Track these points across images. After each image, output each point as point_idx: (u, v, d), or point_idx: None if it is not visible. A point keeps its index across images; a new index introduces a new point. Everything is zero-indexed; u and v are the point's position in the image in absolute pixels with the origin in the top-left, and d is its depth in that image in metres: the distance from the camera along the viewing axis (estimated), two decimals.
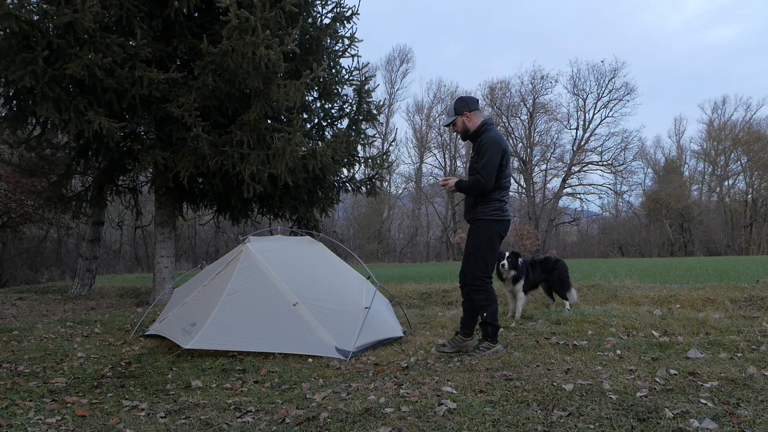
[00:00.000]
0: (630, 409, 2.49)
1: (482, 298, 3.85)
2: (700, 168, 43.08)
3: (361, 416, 2.63)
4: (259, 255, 4.92)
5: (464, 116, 3.90)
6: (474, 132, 3.89)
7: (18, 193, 15.34)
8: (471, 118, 3.90)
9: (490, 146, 3.71)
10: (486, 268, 3.85)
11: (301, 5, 7.67)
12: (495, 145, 3.72)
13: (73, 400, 3.22)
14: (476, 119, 3.92)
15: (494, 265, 3.93)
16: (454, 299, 7.91)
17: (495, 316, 3.88)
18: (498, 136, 3.80)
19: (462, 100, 3.95)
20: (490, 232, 3.81)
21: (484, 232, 3.82)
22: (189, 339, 4.29)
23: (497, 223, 3.82)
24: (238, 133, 7.20)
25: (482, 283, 3.84)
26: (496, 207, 3.80)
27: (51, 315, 7.68)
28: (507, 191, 3.89)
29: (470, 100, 3.96)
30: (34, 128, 8.20)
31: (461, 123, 3.92)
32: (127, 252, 29.46)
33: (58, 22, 5.98)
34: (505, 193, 3.86)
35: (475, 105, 3.94)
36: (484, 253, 3.83)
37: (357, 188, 9.68)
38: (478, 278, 3.84)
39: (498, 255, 4.98)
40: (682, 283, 7.63)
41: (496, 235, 3.83)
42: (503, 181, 3.82)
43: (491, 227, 3.80)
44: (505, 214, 3.86)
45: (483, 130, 3.86)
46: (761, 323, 4.47)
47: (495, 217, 3.80)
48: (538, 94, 41.86)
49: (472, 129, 3.89)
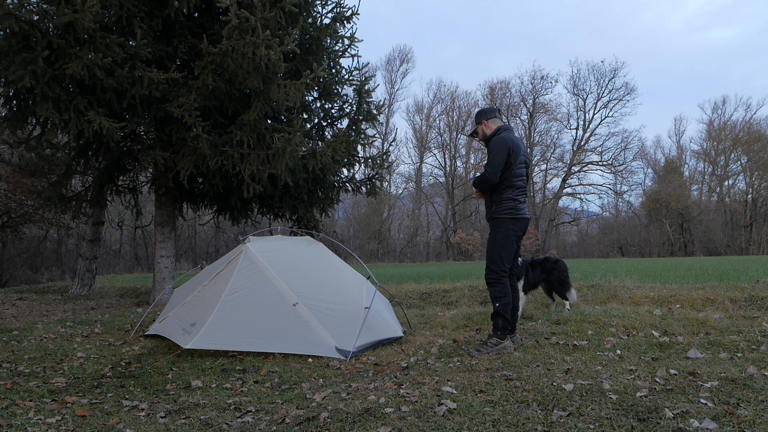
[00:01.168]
0: (630, 409, 2.49)
1: (496, 290, 4.05)
2: (700, 168, 43.13)
3: (361, 416, 2.63)
4: (259, 255, 4.92)
5: (483, 124, 4.30)
6: (490, 136, 4.24)
7: (18, 193, 15.35)
8: (488, 125, 4.29)
9: (496, 145, 4.05)
10: (502, 263, 4.05)
11: (301, 5, 7.67)
12: (500, 145, 4.03)
13: (73, 400, 3.22)
14: (493, 125, 4.29)
15: (510, 260, 4.11)
16: (454, 299, 7.91)
17: (507, 309, 4.03)
18: (507, 138, 4.09)
19: (481, 110, 4.36)
20: (506, 229, 4.05)
21: (500, 229, 4.07)
22: (189, 339, 4.29)
23: (512, 221, 4.06)
24: (238, 133, 7.20)
25: (497, 276, 4.04)
26: (510, 206, 4.05)
27: (51, 315, 7.68)
28: (521, 191, 4.12)
29: (488, 109, 4.36)
30: (34, 128, 8.20)
31: (481, 131, 4.31)
32: (127, 252, 29.46)
33: (58, 22, 5.98)
34: (519, 192, 4.09)
35: (492, 114, 4.33)
36: (499, 248, 4.06)
37: (357, 188, 9.68)
38: (494, 271, 4.06)
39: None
40: (682, 283, 7.63)
41: (511, 232, 4.06)
42: (515, 180, 4.06)
43: (507, 225, 4.05)
44: (519, 212, 4.07)
45: (495, 133, 4.21)
46: (761, 323, 4.47)
47: (509, 216, 4.05)
48: (538, 94, 41.90)
49: (489, 134, 4.26)
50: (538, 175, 43.28)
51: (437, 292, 8.34)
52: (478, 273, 11.93)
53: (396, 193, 42.16)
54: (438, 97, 43.41)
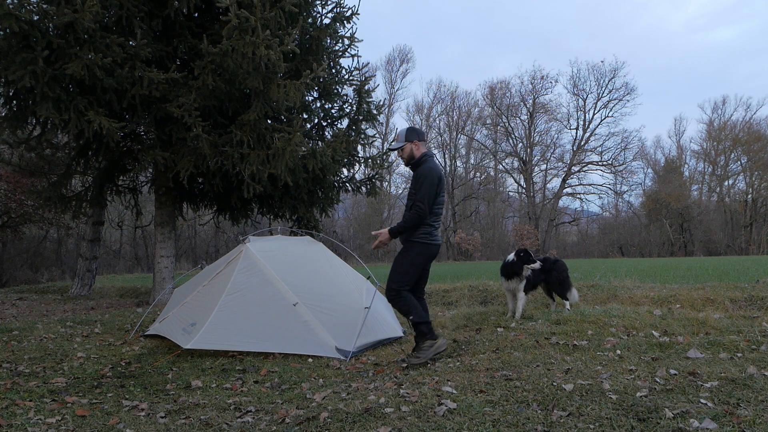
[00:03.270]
0: (630, 409, 2.48)
1: (402, 305, 3.99)
2: (700, 168, 43.07)
3: (361, 416, 2.63)
4: (259, 255, 4.93)
5: (414, 144, 4.16)
6: (417, 161, 4.13)
7: (18, 193, 15.34)
8: (419, 146, 4.17)
9: (427, 176, 3.97)
10: (403, 283, 4.01)
11: (301, 5, 7.67)
12: (431, 175, 3.98)
13: (73, 400, 3.22)
14: (423, 148, 4.19)
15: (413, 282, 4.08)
16: (454, 299, 7.91)
17: (421, 314, 3.98)
18: (434, 167, 4.06)
19: (413, 129, 4.23)
20: (418, 253, 4.03)
21: (411, 251, 4.03)
22: (189, 339, 4.29)
23: (426, 246, 4.03)
24: (238, 133, 7.20)
25: (397, 293, 4.00)
26: (426, 231, 4.02)
27: (51, 315, 7.68)
28: (437, 217, 4.10)
29: (420, 131, 4.25)
30: (34, 128, 8.20)
31: (409, 149, 4.16)
32: (127, 252, 29.45)
33: (58, 22, 5.98)
34: (435, 219, 4.08)
35: (422, 136, 4.23)
36: (406, 269, 4.03)
37: (357, 188, 9.68)
38: (393, 290, 4.00)
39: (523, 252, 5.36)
40: (682, 283, 7.63)
41: (423, 257, 4.05)
42: (435, 208, 4.04)
43: (420, 249, 4.02)
44: (433, 238, 4.06)
45: (423, 160, 4.11)
46: (761, 323, 4.47)
47: (424, 240, 4.02)
48: (538, 94, 41.80)
49: (416, 157, 4.15)
50: (538, 175, 43.29)
51: (437, 292, 8.34)
52: (478, 273, 11.93)
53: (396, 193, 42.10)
54: (438, 97, 43.36)
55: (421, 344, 3.95)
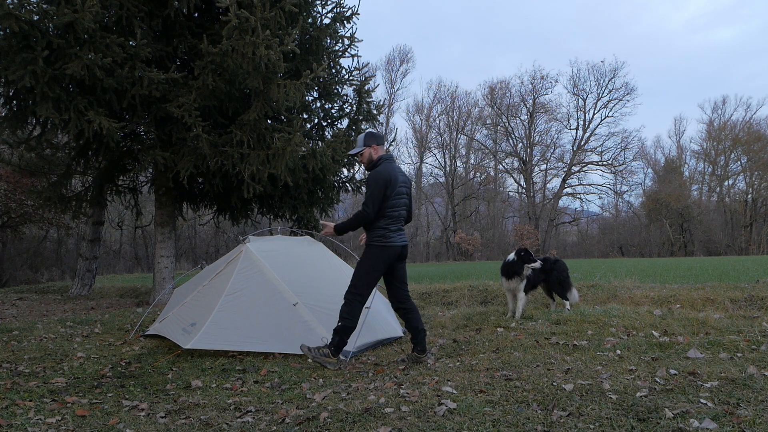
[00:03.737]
0: (630, 409, 2.48)
1: (347, 309, 3.98)
2: (700, 168, 43.06)
3: (361, 416, 2.63)
4: (259, 255, 4.93)
5: (372, 148, 4.18)
6: (373, 164, 4.16)
7: (18, 193, 15.34)
8: (377, 150, 4.19)
9: (373, 180, 4.00)
10: (363, 287, 4.04)
11: (301, 5, 7.67)
12: (378, 180, 3.98)
13: (73, 400, 3.22)
14: (381, 151, 4.21)
15: (372, 286, 4.11)
16: (454, 299, 7.91)
17: (348, 331, 3.98)
18: (384, 171, 4.03)
19: (371, 133, 4.25)
20: (375, 256, 4.03)
21: (369, 255, 4.06)
22: (189, 339, 4.30)
23: (381, 248, 4.03)
24: (238, 133, 7.20)
25: (353, 297, 4.00)
26: (380, 234, 4.02)
27: (51, 315, 7.68)
28: (394, 220, 4.06)
29: (378, 135, 4.28)
30: (34, 128, 8.20)
31: (368, 154, 4.18)
32: (127, 252, 29.45)
33: (58, 22, 5.98)
34: (391, 221, 4.04)
35: (381, 140, 4.25)
36: (365, 273, 4.05)
37: (357, 188, 9.68)
38: (352, 292, 4.01)
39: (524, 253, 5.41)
40: (682, 283, 7.63)
41: (380, 259, 4.05)
42: (388, 210, 4.01)
43: (376, 252, 4.03)
44: (388, 240, 4.04)
45: (377, 163, 4.14)
46: (761, 323, 4.47)
47: (379, 243, 4.03)
48: (538, 94, 41.80)
49: (374, 159, 4.17)
50: (538, 175, 43.29)
51: (437, 292, 8.34)
52: (478, 273, 11.93)
53: None
54: (438, 97, 43.34)
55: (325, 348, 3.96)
